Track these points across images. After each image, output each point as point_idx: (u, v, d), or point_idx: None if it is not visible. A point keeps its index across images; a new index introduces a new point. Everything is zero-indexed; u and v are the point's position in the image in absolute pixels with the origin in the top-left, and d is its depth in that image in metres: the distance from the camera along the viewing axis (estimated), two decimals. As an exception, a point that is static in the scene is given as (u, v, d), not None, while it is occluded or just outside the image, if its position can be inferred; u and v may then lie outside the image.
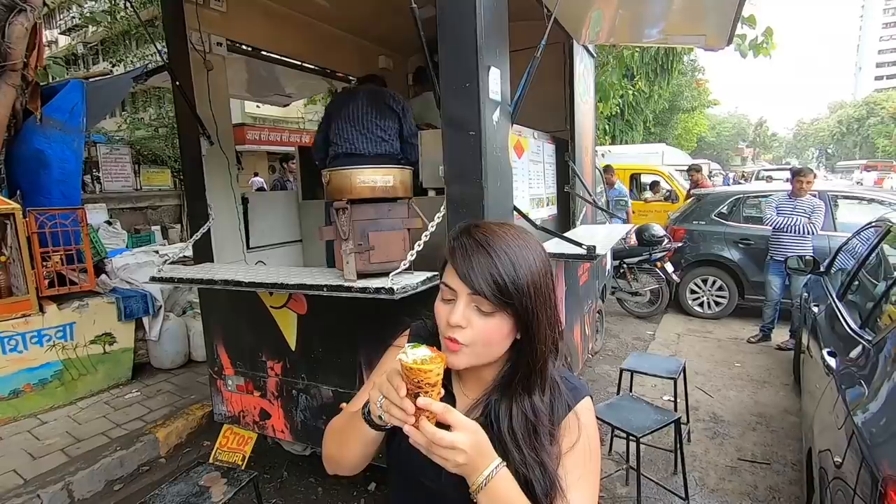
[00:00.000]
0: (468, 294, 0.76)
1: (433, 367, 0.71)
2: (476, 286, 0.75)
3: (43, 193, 3.84)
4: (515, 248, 0.78)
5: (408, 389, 0.71)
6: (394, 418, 0.72)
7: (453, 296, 0.78)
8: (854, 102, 60.50)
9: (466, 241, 0.78)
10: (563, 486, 0.76)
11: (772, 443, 3.16)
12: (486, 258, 0.75)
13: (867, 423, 1.54)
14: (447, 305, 0.79)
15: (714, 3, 2.40)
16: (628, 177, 8.92)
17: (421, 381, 0.70)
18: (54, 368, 3.51)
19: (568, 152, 3.43)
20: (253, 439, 2.74)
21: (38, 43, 3.83)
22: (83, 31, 15.67)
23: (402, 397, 0.71)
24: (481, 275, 0.75)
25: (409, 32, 3.10)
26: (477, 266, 0.75)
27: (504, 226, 0.82)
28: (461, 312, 0.76)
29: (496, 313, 0.76)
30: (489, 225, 0.82)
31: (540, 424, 0.79)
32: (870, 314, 2.15)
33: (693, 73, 22.81)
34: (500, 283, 0.74)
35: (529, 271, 0.77)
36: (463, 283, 0.76)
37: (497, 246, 0.77)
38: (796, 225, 4.49)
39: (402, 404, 0.71)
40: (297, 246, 3.56)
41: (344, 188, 1.86)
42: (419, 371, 0.70)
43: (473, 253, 0.76)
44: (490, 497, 0.71)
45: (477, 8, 1.77)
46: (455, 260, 0.78)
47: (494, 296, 0.74)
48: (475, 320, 0.77)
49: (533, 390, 0.81)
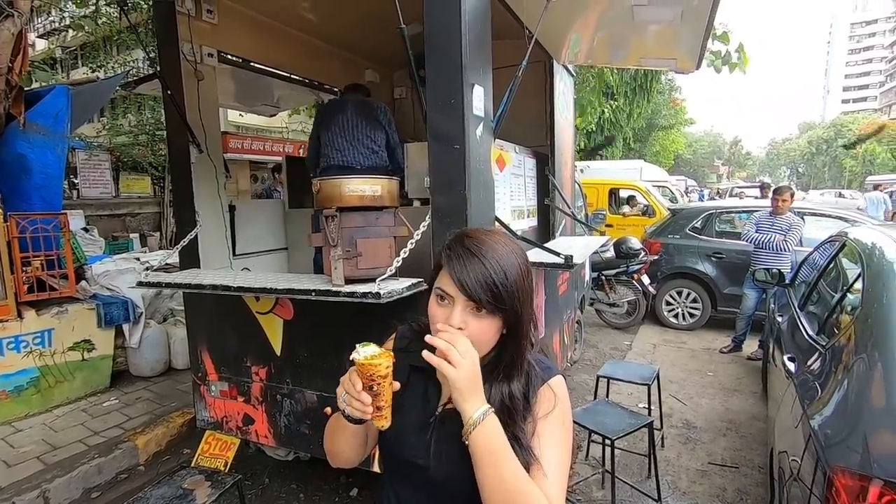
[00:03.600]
0: (465, 300, 0.84)
1: (381, 361, 0.83)
2: (473, 294, 0.83)
3: (23, 198, 3.81)
4: (504, 254, 0.86)
5: (363, 383, 0.83)
6: (356, 410, 0.84)
7: (449, 301, 0.86)
8: (823, 124, 63.01)
9: (461, 250, 0.86)
10: (537, 453, 0.85)
11: (741, 447, 3.29)
12: (479, 267, 0.83)
13: (820, 422, 1.66)
14: (442, 307, 0.87)
15: (683, 30, 2.56)
16: (607, 191, 9.17)
17: (373, 374, 0.82)
18: (31, 375, 3.46)
19: (548, 166, 3.56)
20: (236, 445, 2.75)
21: (24, 48, 3.82)
22: (62, 35, 15.45)
23: (359, 391, 0.83)
24: (477, 283, 0.83)
25: (395, 47, 3.21)
26: (472, 273, 0.83)
27: (492, 233, 0.91)
28: (459, 316, 0.84)
29: (488, 315, 0.85)
30: (479, 234, 0.90)
31: (515, 407, 0.88)
32: (825, 321, 2.30)
33: (670, 92, 23.54)
34: (494, 290, 0.83)
35: (517, 276, 0.86)
36: (459, 290, 0.84)
37: (488, 254, 0.85)
38: (772, 242, 4.67)
39: (360, 397, 0.83)
40: (283, 254, 3.60)
41: (333, 196, 1.94)
42: (370, 366, 0.82)
43: (467, 262, 0.84)
44: (484, 434, 0.80)
45: (462, 29, 1.88)
46: (451, 268, 0.85)
47: (489, 302, 0.83)
48: (471, 322, 0.85)
49: (512, 378, 0.91)
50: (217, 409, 2.76)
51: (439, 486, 0.92)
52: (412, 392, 0.98)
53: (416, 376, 0.99)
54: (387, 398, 0.85)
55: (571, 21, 2.69)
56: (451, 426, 0.89)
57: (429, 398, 0.97)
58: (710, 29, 2.54)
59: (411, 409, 0.96)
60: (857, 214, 6.33)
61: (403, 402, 0.95)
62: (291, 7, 3.17)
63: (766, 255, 4.74)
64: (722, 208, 6.38)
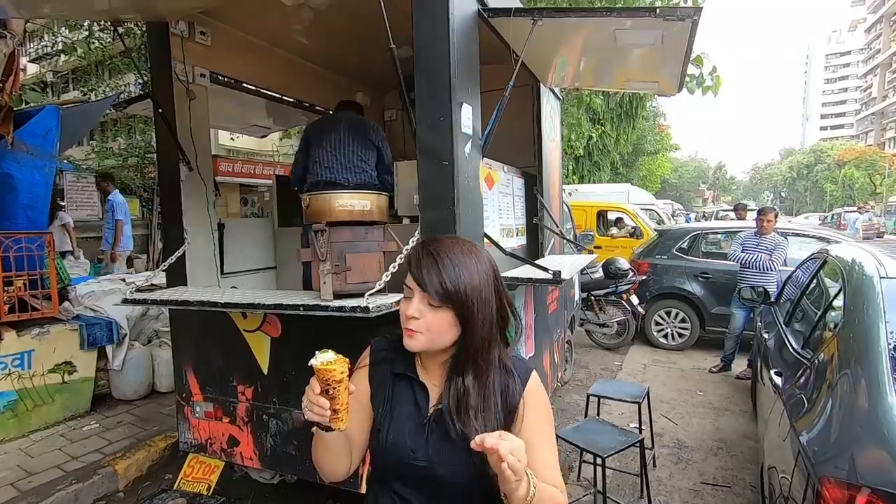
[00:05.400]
0: (420, 292, 0.95)
1: (336, 366, 0.88)
2: (425, 286, 0.94)
3: (8, 217, 3.76)
4: (460, 257, 0.97)
5: (321, 387, 0.89)
6: (314, 414, 0.90)
7: (410, 294, 0.97)
8: (803, 150, 64.83)
9: (421, 251, 0.99)
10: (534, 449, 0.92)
11: (732, 466, 3.27)
12: (432, 264, 0.95)
13: (808, 436, 1.67)
14: (405, 301, 0.99)
15: (664, 53, 2.65)
16: (595, 213, 9.29)
17: (328, 378, 0.88)
18: (7, 399, 3.35)
19: (536, 186, 3.62)
20: (220, 468, 2.68)
21: (16, 69, 3.84)
22: (54, 59, 15.55)
23: (317, 394, 0.89)
24: (428, 277, 0.94)
25: (385, 70, 3.28)
26: (425, 269, 0.95)
27: (457, 240, 1.02)
28: (415, 306, 0.96)
29: (441, 308, 0.95)
30: (443, 239, 1.02)
31: (468, 402, 0.96)
32: (810, 335, 2.33)
33: (655, 119, 24.16)
34: (444, 285, 0.94)
35: (469, 276, 0.96)
36: (416, 284, 0.96)
37: (444, 256, 0.96)
38: (758, 261, 4.75)
39: (318, 401, 0.89)
40: (272, 273, 3.58)
41: (323, 211, 1.95)
42: (324, 371, 0.88)
43: (423, 260, 0.96)
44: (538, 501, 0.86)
45: (451, 47, 1.93)
46: (411, 265, 0.98)
47: (437, 293, 0.94)
48: (426, 312, 0.95)
49: (466, 372, 0.98)
50: (201, 431, 2.70)
51: (440, 483, 0.97)
52: (401, 397, 1.03)
53: (401, 383, 1.05)
54: (342, 402, 0.90)
55: (557, 44, 2.77)
56: (444, 425, 0.96)
57: (418, 402, 1.02)
58: (690, 53, 2.63)
59: (404, 413, 1.02)
60: (839, 235, 6.46)
61: (395, 408, 1.02)
62: (284, 30, 3.23)
63: (752, 275, 4.80)
64: (707, 229, 6.49)
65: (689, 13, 2.00)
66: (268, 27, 3.17)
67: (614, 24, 2.28)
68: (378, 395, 1.06)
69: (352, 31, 3.22)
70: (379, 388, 1.06)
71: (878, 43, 65.10)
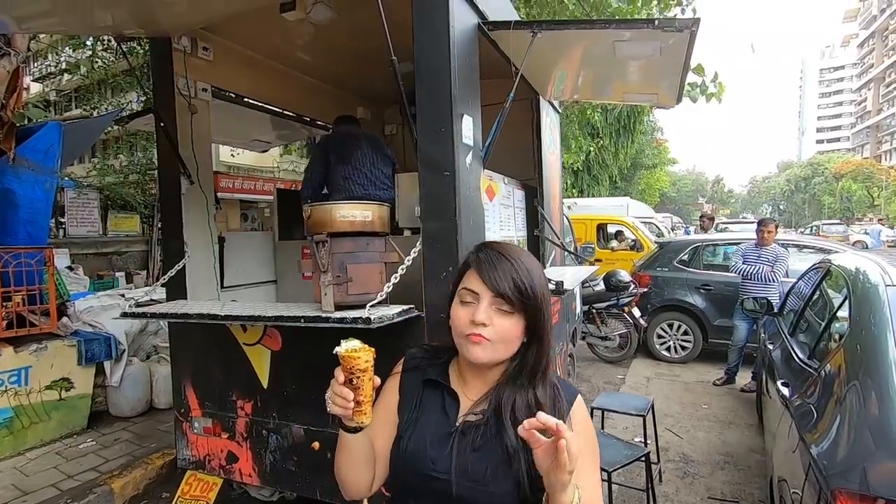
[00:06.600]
0: (491, 296, 0.89)
1: (361, 354, 0.84)
2: (500, 289, 0.88)
3: (8, 232, 3.77)
4: (528, 260, 0.93)
5: (344, 377, 0.84)
6: (337, 406, 0.85)
7: (474, 299, 0.90)
8: (800, 163, 65.27)
9: (490, 253, 0.93)
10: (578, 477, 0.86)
11: (739, 481, 3.21)
12: (508, 266, 0.90)
13: (819, 448, 1.64)
14: (466, 308, 0.91)
15: (663, 65, 2.67)
16: (595, 227, 9.30)
17: (353, 367, 0.84)
18: (3, 416, 3.31)
19: (537, 198, 3.62)
20: (218, 485, 2.63)
21: (19, 86, 3.88)
22: (57, 78, 15.76)
23: (340, 384, 0.84)
24: (505, 279, 0.88)
25: (386, 85, 3.31)
26: (500, 272, 0.89)
27: (514, 245, 0.98)
28: (485, 311, 0.88)
29: (514, 314, 0.89)
30: (503, 243, 0.97)
31: (516, 418, 0.88)
32: (815, 344, 2.30)
33: (653, 133, 24.37)
34: (521, 286, 0.88)
35: (540, 280, 0.92)
36: (487, 287, 0.89)
37: (515, 257, 0.91)
38: (760, 273, 4.74)
39: (341, 392, 0.84)
40: (272, 287, 3.56)
41: (325, 222, 1.94)
42: (349, 358, 0.84)
43: (497, 262, 0.90)
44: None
45: (451, 61, 1.95)
46: (480, 267, 0.91)
47: (516, 296, 0.88)
48: (496, 319, 0.89)
49: (536, 385, 0.92)
50: (200, 447, 2.65)
51: (460, 499, 0.88)
52: (429, 405, 0.97)
53: (430, 390, 0.99)
54: (366, 393, 0.86)
55: (556, 57, 2.80)
56: (471, 438, 0.89)
57: (447, 411, 0.96)
58: (688, 65, 2.65)
59: (429, 421, 0.95)
60: (839, 245, 6.45)
61: (420, 416, 0.96)
62: (285, 46, 3.27)
63: (754, 286, 4.78)
64: (708, 241, 6.48)
65: (686, 24, 2.02)
66: (270, 43, 3.21)
67: (613, 35, 2.30)
68: (406, 402, 1.00)
69: (352, 46, 3.26)
70: (407, 396, 1.00)
71: (872, 58, 66.05)
